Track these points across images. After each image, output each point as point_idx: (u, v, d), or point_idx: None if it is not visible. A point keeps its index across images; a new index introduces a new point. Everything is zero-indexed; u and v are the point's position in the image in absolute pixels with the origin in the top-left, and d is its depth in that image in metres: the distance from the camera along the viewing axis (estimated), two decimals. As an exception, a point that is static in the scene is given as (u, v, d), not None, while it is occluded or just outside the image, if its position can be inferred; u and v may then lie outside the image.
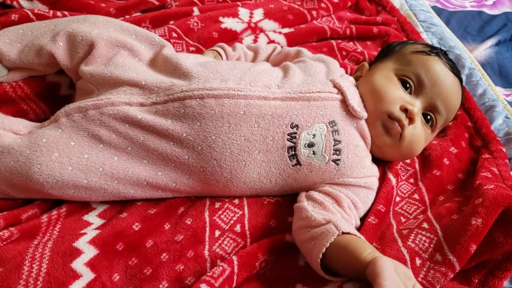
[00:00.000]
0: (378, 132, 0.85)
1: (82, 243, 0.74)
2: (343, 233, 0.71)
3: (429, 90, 0.87)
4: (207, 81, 0.80)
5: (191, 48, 1.15)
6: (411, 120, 0.84)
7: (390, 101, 0.84)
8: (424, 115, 0.88)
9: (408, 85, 0.88)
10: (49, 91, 0.94)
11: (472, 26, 1.49)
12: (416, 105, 0.85)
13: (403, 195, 0.92)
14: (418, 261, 0.76)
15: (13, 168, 0.74)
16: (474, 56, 1.31)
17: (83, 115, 0.78)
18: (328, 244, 0.70)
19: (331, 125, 0.82)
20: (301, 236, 0.77)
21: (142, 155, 0.79)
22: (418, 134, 0.87)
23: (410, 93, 0.88)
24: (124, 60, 0.85)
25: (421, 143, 0.89)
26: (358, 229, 0.82)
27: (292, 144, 0.81)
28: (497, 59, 1.36)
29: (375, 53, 1.22)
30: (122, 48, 0.86)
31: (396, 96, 0.85)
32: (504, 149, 0.98)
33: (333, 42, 1.27)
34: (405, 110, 0.84)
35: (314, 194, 0.82)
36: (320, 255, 0.70)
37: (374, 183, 0.87)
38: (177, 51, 1.12)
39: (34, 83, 0.92)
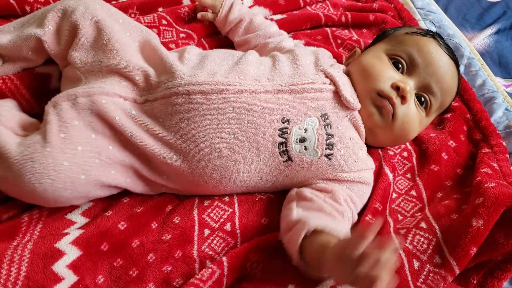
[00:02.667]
0: (369, 113, 0.82)
1: (64, 243, 0.71)
2: (315, 231, 0.68)
3: (422, 70, 0.84)
4: (194, 75, 0.76)
5: (181, 35, 1.10)
6: (403, 98, 0.81)
7: (379, 79, 0.82)
8: (418, 97, 0.85)
9: (400, 65, 0.86)
10: (39, 83, 0.89)
11: (471, 13, 1.45)
12: (408, 84, 0.82)
13: (399, 191, 0.90)
14: (416, 264, 0.74)
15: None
16: (473, 45, 1.28)
17: (72, 103, 0.73)
18: (299, 241, 0.67)
19: (323, 118, 0.79)
20: (283, 239, 0.74)
21: (134, 146, 0.75)
22: (411, 115, 0.84)
23: (402, 73, 0.85)
24: (113, 42, 0.79)
25: (414, 125, 0.86)
26: (354, 226, 0.79)
27: (283, 140, 0.78)
28: (496, 48, 1.34)
29: (371, 41, 1.19)
30: (109, 30, 0.80)
31: (386, 74, 0.83)
32: (504, 143, 0.95)
33: (328, 29, 1.24)
34: (396, 88, 0.81)
35: (306, 191, 0.79)
36: (297, 254, 0.68)
37: (369, 177, 0.84)
38: (166, 38, 1.08)
39: (23, 75, 0.87)
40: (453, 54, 0.90)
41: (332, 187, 0.79)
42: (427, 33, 0.90)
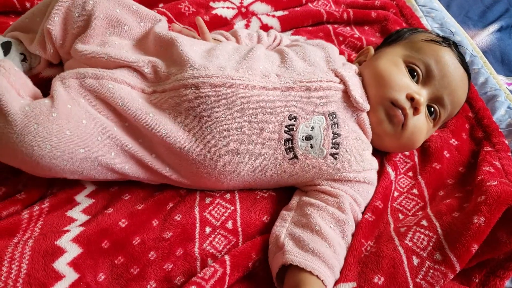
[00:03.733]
0: (379, 119, 0.82)
1: (65, 241, 0.70)
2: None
3: (438, 82, 0.84)
4: (204, 68, 0.75)
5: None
6: (416, 110, 0.80)
7: (395, 88, 0.81)
8: (428, 107, 0.85)
9: (415, 74, 0.84)
10: (43, 87, 0.86)
11: (473, 11, 1.44)
12: (423, 95, 0.81)
13: (401, 189, 0.89)
14: (415, 260, 0.73)
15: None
16: (475, 42, 1.27)
17: (80, 82, 0.72)
18: (276, 271, 0.71)
19: (331, 117, 0.79)
20: (268, 253, 0.76)
21: (137, 134, 0.75)
22: (420, 126, 0.83)
23: (417, 82, 0.84)
24: (121, 42, 0.79)
25: (422, 136, 0.86)
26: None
27: (289, 137, 0.77)
28: (499, 46, 1.33)
29: (373, 39, 1.19)
30: (119, 28, 0.80)
31: (402, 83, 0.81)
32: (506, 142, 0.95)
33: (330, 26, 1.23)
34: (411, 99, 0.80)
35: (309, 200, 0.78)
36: (275, 279, 0.72)
37: (373, 177, 0.84)
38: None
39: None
40: (467, 65, 0.89)
41: (337, 190, 0.79)
42: (444, 41, 0.89)
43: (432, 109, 0.85)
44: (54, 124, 0.67)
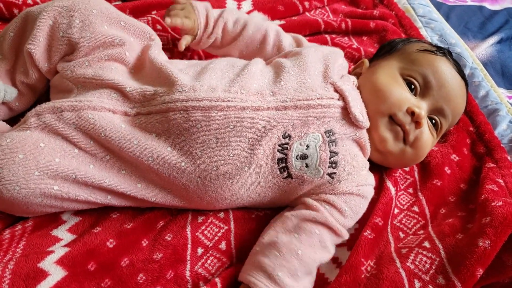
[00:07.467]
0: (382, 137, 0.78)
1: (48, 263, 0.67)
2: None
3: (436, 93, 0.81)
4: (193, 90, 0.72)
5: (177, 42, 1.07)
6: (418, 124, 0.77)
7: (394, 102, 0.78)
8: (429, 119, 0.82)
9: (413, 86, 0.81)
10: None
11: (473, 22, 1.42)
12: (423, 108, 0.79)
13: (401, 206, 0.86)
14: (417, 284, 0.70)
15: None
16: (475, 54, 1.25)
17: (57, 116, 0.69)
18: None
19: (327, 134, 0.75)
20: None
21: (120, 165, 0.71)
22: (425, 139, 0.80)
23: (415, 94, 0.81)
24: (110, 62, 0.76)
25: (427, 150, 0.83)
26: (353, 241, 0.77)
27: (283, 156, 0.74)
28: (499, 58, 1.30)
29: (371, 49, 1.16)
30: (109, 48, 0.77)
31: (402, 97, 0.79)
32: (509, 158, 0.92)
33: (327, 36, 1.20)
34: (411, 114, 0.77)
35: (284, 214, 0.76)
36: None
37: (368, 191, 0.80)
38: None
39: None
40: (463, 73, 0.87)
41: (316, 203, 0.74)
42: (438, 50, 0.87)
43: (434, 121, 0.83)
44: (20, 166, 0.65)
